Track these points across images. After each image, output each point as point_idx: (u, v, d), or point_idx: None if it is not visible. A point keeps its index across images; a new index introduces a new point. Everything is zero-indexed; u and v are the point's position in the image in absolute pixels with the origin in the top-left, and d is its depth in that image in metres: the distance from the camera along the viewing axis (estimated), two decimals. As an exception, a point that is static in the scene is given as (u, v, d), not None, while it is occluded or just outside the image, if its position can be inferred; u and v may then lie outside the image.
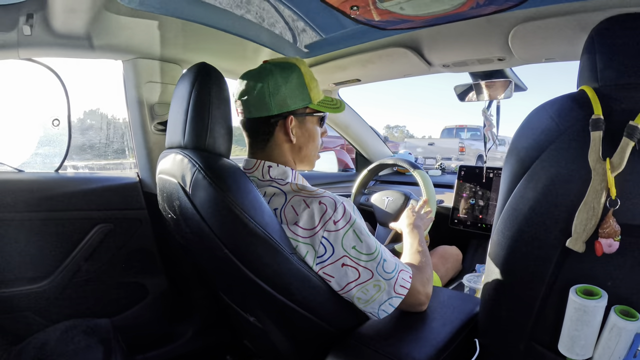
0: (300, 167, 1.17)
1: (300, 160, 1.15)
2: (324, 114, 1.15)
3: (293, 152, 1.12)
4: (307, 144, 1.13)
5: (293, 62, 1.09)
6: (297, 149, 1.12)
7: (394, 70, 1.91)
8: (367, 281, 0.95)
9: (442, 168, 2.84)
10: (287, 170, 1.10)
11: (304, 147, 1.13)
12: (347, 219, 0.95)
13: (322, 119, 1.16)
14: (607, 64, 0.83)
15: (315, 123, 1.14)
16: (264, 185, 1.04)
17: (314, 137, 1.15)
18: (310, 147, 1.14)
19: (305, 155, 1.14)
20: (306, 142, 1.13)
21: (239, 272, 0.91)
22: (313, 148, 1.15)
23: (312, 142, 1.14)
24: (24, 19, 1.23)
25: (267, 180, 1.06)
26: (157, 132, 1.71)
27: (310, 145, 1.14)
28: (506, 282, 0.90)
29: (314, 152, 1.17)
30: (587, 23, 1.17)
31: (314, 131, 1.14)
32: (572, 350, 0.77)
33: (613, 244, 0.72)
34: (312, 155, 1.17)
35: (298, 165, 1.16)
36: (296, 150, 1.12)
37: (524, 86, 1.79)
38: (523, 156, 0.85)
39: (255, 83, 1.05)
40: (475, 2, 1.15)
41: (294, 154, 1.13)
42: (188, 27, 1.46)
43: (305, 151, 1.14)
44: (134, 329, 1.74)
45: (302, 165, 1.17)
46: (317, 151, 1.18)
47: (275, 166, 1.09)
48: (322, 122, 1.17)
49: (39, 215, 1.54)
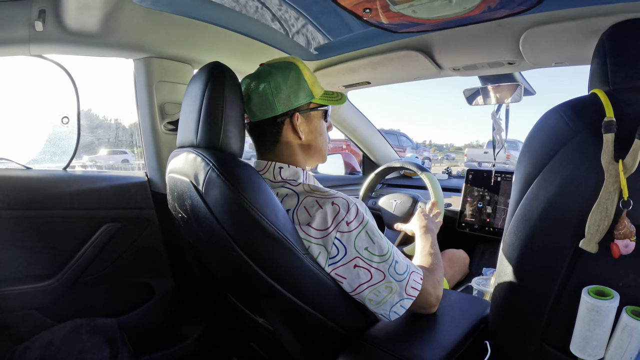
0: (312, 162, 1.18)
1: (312, 155, 1.16)
2: (327, 107, 1.16)
3: (303, 149, 1.13)
4: (316, 139, 1.14)
5: (290, 61, 1.10)
6: (306, 145, 1.13)
7: (404, 73, 1.91)
8: (379, 282, 0.95)
9: (448, 172, 2.85)
10: (299, 171, 1.10)
11: (313, 143, 1.14)
12: (359, 220, 0.95)
13: (325, 113, 1.17)
14: (618, 68, 0.84)
15: (320, 118, 1.15)
16: (276, 186, 1.05)
17: (322, 132, 1.16)
18: (319, 141, 1.15)
19: (315, 150, 1.15)
20: (315, 138, 1.14)
21: (250, 272, 0.91)
22: (322, 142, 1.16)
23: (320, 136, 1.15)
24: (36, 15, 1.23)
25: (279, 181, 1.07)
26: (166, 131, 1.71)
27: (320, 139, 1.15)
28: (518, 283, 0.90)
29: (324, 146, 1.18)
30: (597, 28, 1.18)
31: (321, 126, 1.15)
32: (584, 351, 0.77)
33: (630, 245, 0.73)
34: (323, 149, 1.18)
35: (310, 161, 1.17)
36: (306, 147, 1.13)
37: (532, 90, 1.79)
38: (536, 158, 0.86)
39: (256, 86, 1.06)
40: (487, 6, 1.16)
41: (304, 151, 1.14)
42: (199, 27, 1.46)
43: (315, 146, 1.15)
44: (140, 329, 1.74)
45: (314, 160, 1.18)
46: (326, 145, 1.19)
47: (286, 167, 1.09)
48: (325, 116, 1.17)
49: (46, 213, 1.54)
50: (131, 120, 1.97)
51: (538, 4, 1.12)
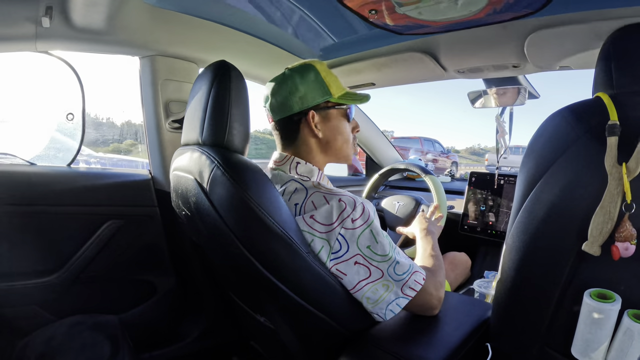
0: (333, 161, 1.19)
1: (330, 155, 1.16)
2: (348, 106, 1.17)
3: (321, 148, 1.14)
4: (335, 138, 1.14)
5: (309, 63, 1.13)
6: (324, 143, 1.14)
7: (409, 74, 1.91)
8: (377, 280, 0.97)
9: (451, 175, 2.85)
10: (314, 170, 1.12)
11: (331, 142, 1.14)
12: (365, 218, 0.96)
13: (347, 113, 1.17)
14: (622, 72, 0.84)
15: (341, 117, 1.16)
16: (287, 179, 1.07)
17: (341, 131, 1.15)
18: (339, 140, 1.15)
19: (336, 150, 1.16)
20: (333, 137, 1.14)
21: (253, 270, 0.91)
22: (342, 141, 1.16)
23: (339, 135, 1.15)
24: (43, 11, 1.23)
25: (293, 175, 1.09)
26: (171, 129, 1.72)
27: (339, 138, 1.15)
28: (520, 286, 0.91)
29: (346, 146, 1.18)
30: (602, 31, 1.18)
31: (341, 125, 1.15)
32: (585, 354, 0.77)
33: (630, 248, 0.73)
34: (345, 149, 1.18)
35: (329, 161, 1.18)
36: (324, 145, 1.14)
37: (536, 93, 1.79)
38: (539, 160, 0.86)
39: (277, 88, 1.10)
40: (493, 8, 1.16)
41: (322, 150, 1.15)
42: (206, 26, 1.46)
43: (335, 145, 1.15)
44: (141, 326, 1.74)
45: (333, 160, 1.18)
46: (348, 145, 1.19)
47: (303, 164, 1.11)
48: (348, 116, 1.17)
49: (49, 208, 1.54)
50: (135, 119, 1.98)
51: (543, 7, 1.13)
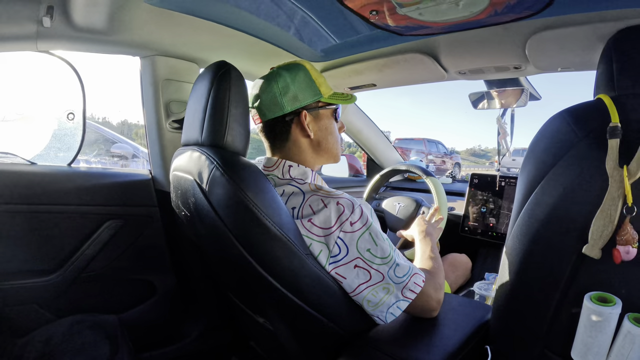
0: (322, 162, 1.18)
1: (321, 155, 1.16)
2: (337, 106, 1.17)
3: (313, 148, 1.14)
4: (326, 138, 1.15)
5: (298, 62, 1.13)
6: (316, 144, 1.14)
7: (410, 76, 1.91)
8: (377, 283, 0.96)
9: (452, 176, 2.85)
10: (307, 171, 1.11)
11: (322, 141, 1.15)
12: (363, 221, 0.95)
13: (335, 113, 1.18)
14: (624, 73, 0.83)
15: (330, 117, 1.16)
16: (282, 183, 1.06)
17: (331, 131, 1.16)
18: (329, 140, 1.16)
19: (327, 149, 1.16)
20: (324, 136, 1.15)
21: (252, 271, 0.91)
22: (333, 141, 1.17)
23: (330, 135, 1.16)
24: (44, 11, 1.23)
25: (287, 179, 1.08)
26: (171, 130, 1.72)
27: (330, 138, 1.16)
28: (520, 288, 0.90)
29: (335, 145, 1.18)
30: (604, 33, 1.17)
31: (331, 125, 1.16)
32: (585, 357, 0.77)
33: (631, 251, 0.72)
34: (334, 148, 1.18)
35: (320, 161, 1.17)
36: (315, 145, 1.14)
37: (538, 95, 1.79)
38: (540, 162, 0.86)
39: (266, 87, 1.09)
40: (494, 9, 1.16)
41: (314, 150, 1.15)
42: (206, 26, 1.46)
43: (326, 145, 1.15)
44: (141, 326, 1.74)
45: (324, 160, 1.18)
46: (337, 144, 1.19)
47: (295, 166, 1.10)
48: (336, 115, 1.18)
49: (49, 208, 1.54)
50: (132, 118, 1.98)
51: (545, 9, 1.12)
